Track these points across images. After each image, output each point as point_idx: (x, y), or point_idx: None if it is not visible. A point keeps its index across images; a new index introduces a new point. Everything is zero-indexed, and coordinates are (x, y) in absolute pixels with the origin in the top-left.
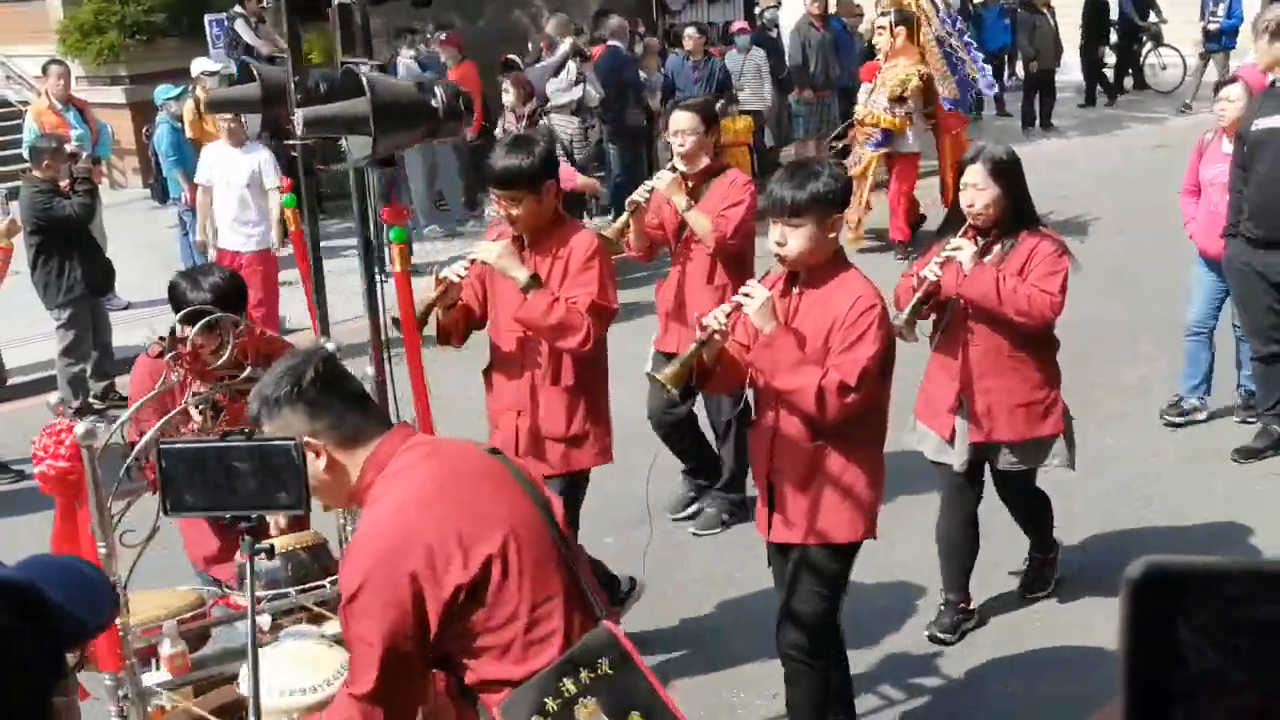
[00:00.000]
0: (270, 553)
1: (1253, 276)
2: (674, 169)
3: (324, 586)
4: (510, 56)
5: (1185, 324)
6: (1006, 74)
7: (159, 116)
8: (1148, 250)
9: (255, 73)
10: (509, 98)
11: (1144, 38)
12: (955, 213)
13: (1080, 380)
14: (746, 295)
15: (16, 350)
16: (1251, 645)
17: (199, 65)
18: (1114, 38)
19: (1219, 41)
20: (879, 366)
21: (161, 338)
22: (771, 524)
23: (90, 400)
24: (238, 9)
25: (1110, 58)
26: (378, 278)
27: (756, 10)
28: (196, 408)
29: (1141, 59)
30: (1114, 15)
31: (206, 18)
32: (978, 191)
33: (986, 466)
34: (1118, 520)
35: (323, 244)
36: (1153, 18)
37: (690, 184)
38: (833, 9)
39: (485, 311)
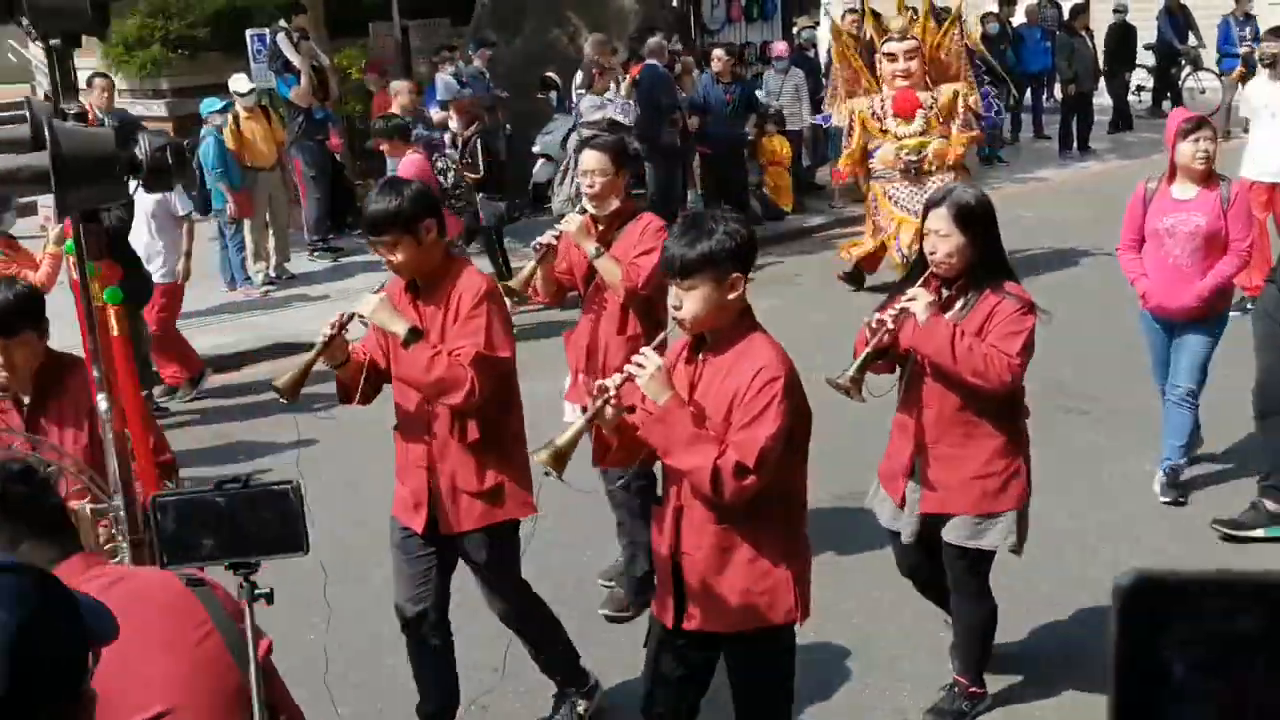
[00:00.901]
0: (270, 598)
1: None
2: (583, 211)
3: None
4: (549, 74)
5: (1160, 386)
6: (1045, 96)
7: (204, 129)
8: None
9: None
10: (453, 123)
11: (1182, 61)
12: (921, 260)
13: (1124, 390)
14: (639, 364)
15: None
16: (1239, 655)
17: (235, 83)
18: (1151, 61)
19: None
20: (781, 444)
21: None
22: (680, 611)
23: None
24: (281, 24)
25: (1136, 82)
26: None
27: (794, 30)
28: None
29: (1180, 82)
30: (1151, 39)
31: (248, 32)
32: (940, 238)
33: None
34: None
35: (357, 258)
36: (1191, 41)
37: (601, 228)
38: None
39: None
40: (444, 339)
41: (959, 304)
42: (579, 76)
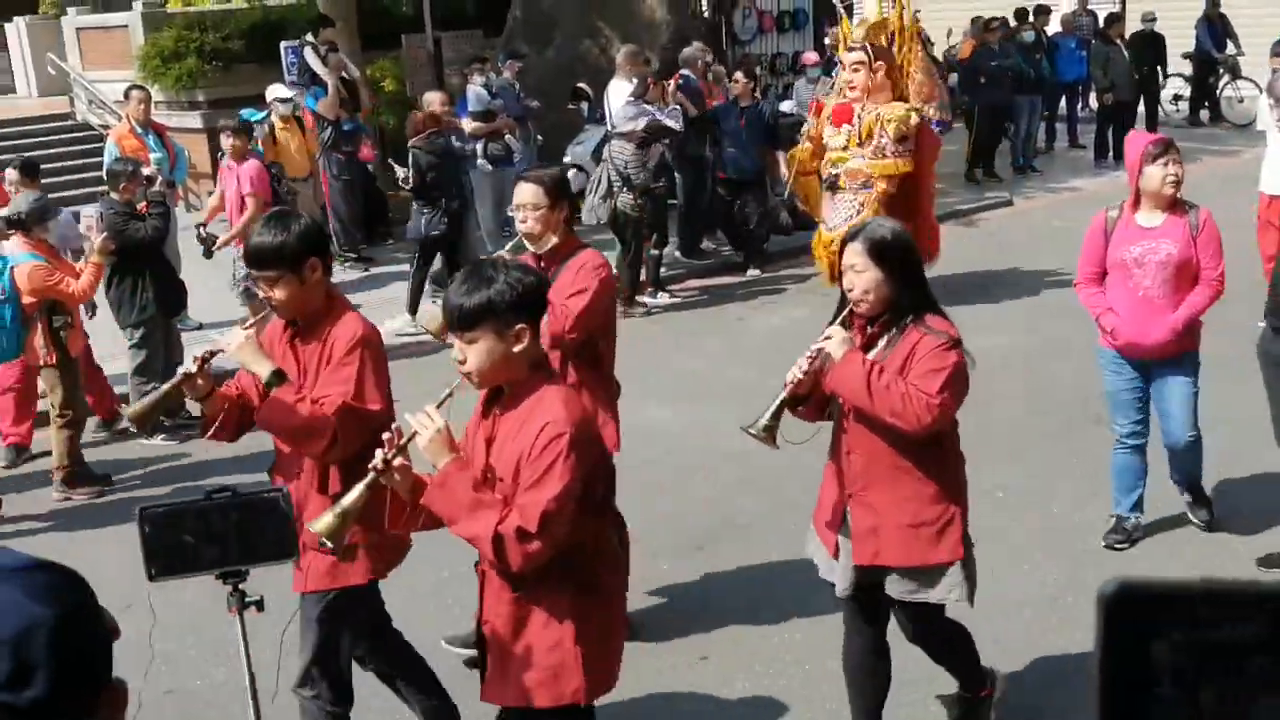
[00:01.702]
0: (260, 605)
1: None
2: (516, 249)
3: None
4: (580, 85)
5: (1117, 434)
6: (1080, 105)
7: None
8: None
9: None
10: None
11: (1220, 70)
12: (844, 295)
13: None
14: (421, 424)
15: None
16: (1223, 663)
17: (273, 91)
18: (1189, 70)
19: None
20: (570, 505)
21: None
22: (483, 681)
23: (161, 418)
24: (308, 38)
25: (1173, 91)
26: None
27: (825, 41)
28: None
29: (1218, 91)
30: (1191, 48)
31: (282, 45)
32: (857, 274)
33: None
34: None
35: (389, 268)
36: (1230, 49)
37: (542, 264)
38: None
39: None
40: (316, 384)
41: (881, 341)
42: (613, 84)
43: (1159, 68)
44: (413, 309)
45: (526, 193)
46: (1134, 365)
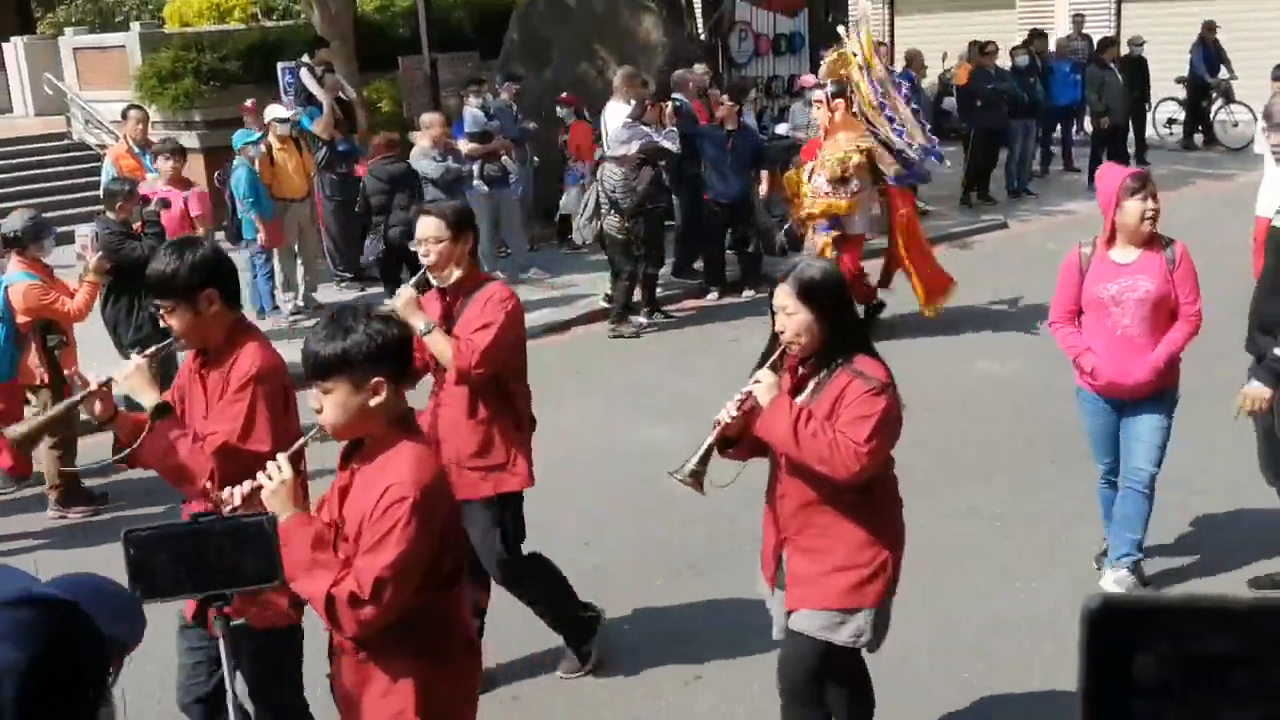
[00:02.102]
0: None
1: None
2: (420, 285)
3: None
4: (566, 95)
5: (1100, 471)
6: (1075, 129)
7: (236, 160)
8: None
9: None
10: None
11: (1214, 94)
12: (775, 337)
13: None
14: (268, 474)
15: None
16: (1206, 677)
17: (271, 112)
18: (1182, 94)
19: None
20: (406, 573)
21: None
22: None
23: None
24: (305, 59)
25: (1167, 115)
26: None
27: (821, 63)
28: None
29: (1212, 115)
30: (1185, 73)
31: (279, 65)
32: (787, 316)
33: None
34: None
35: (381, 289)
36: (1224, 73)
37: (448, 299)
38: (900, 64)
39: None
40: (209, 418)
41: (811, 384)
42: (610, 106)
43: (1146, 91)
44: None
45: (428, 226)
46: (1112, 404)
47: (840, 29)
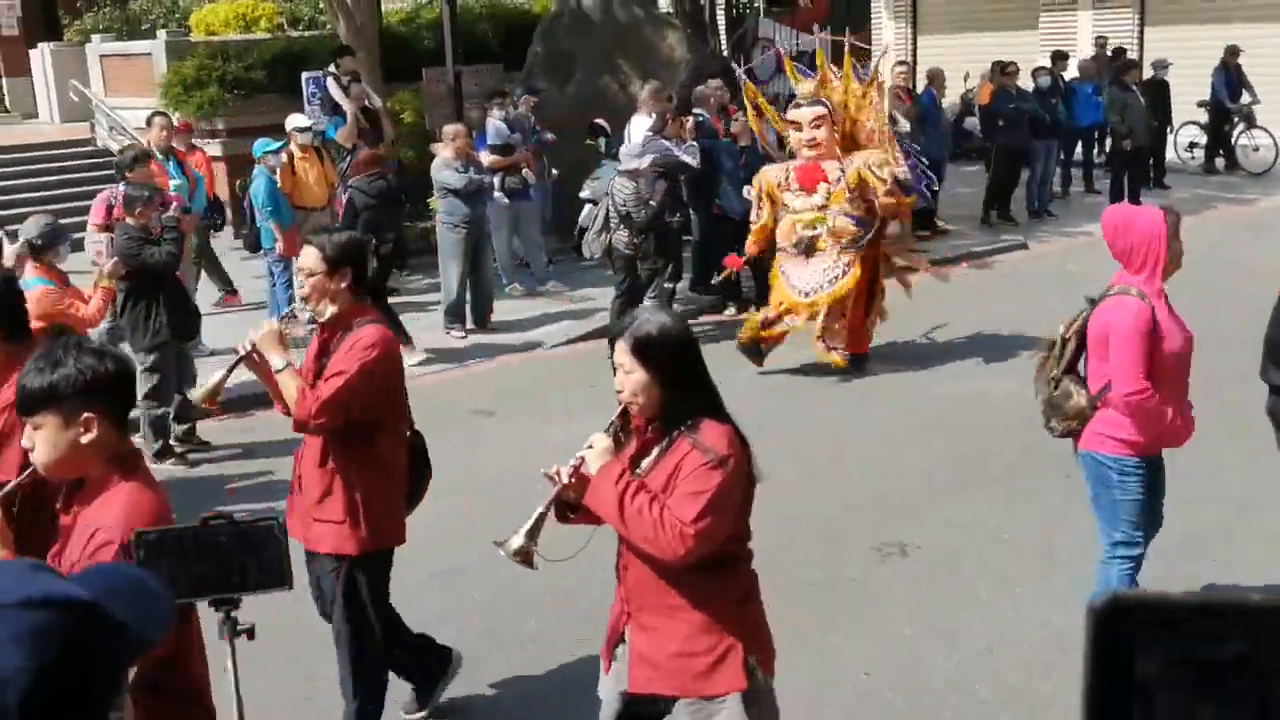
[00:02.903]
0: (251, 633)
1: None
2: (287, 317)
3: None
4: (598, 121)
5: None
6: (1096, 151)
7: (256, 169)
8: (1235, 331)
9: None
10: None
11: (1235, 118)
12: None
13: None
14: None
15: None
16: (1214, 676)
17: (293, 121)
18: (1204, 118)
19: None
20: None
21: None
22: None
23: (171, 443)
24: (331, 68)
25: (1188, 139)
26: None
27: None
28: None
29: (1233, 140)
30: (1207, 96)
31: (303, 75)
32: (625, 375)
33: None
34: None
35: (405, 299)
36: (1245, 98)
37: (325, 334)
38: (921, 84)
39: None
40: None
41: (654, 450)
42: (635, 120)
43: (1167, 115)
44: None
45: (306, 256)
46: (1151, 464)
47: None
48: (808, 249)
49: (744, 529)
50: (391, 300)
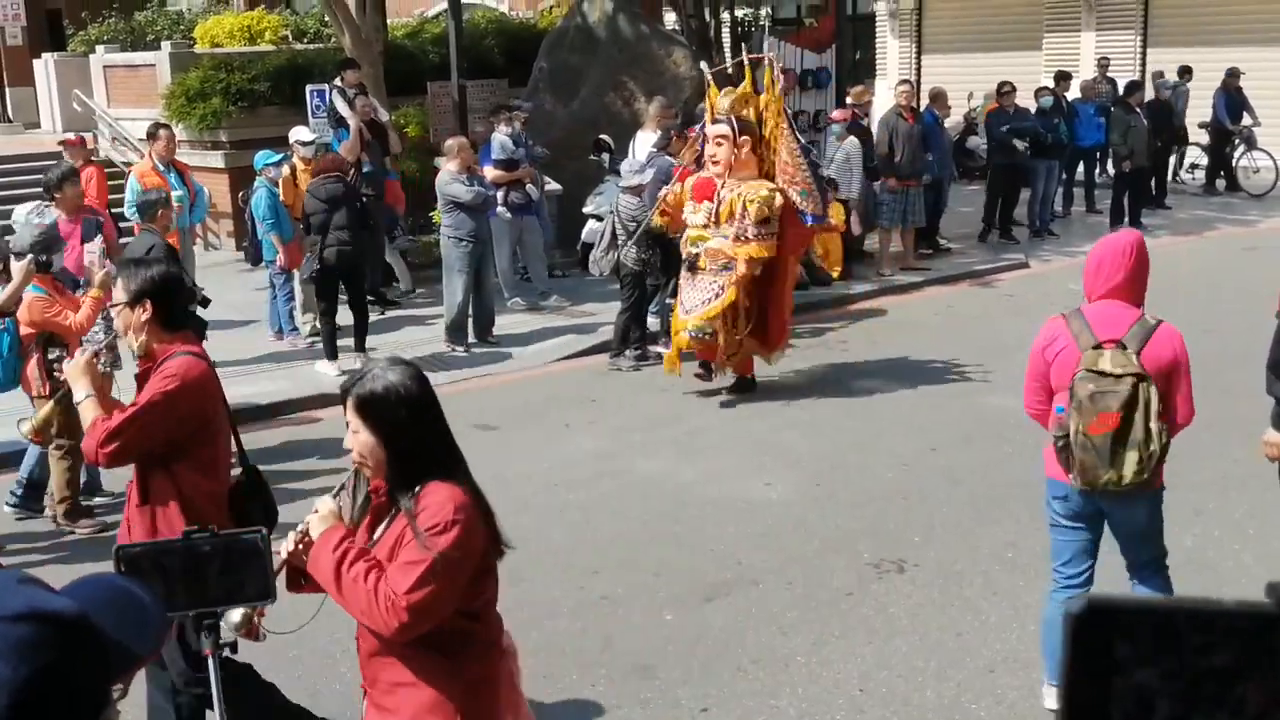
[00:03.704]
0: (234, 647)
1: None
2: (103, 349)
3: None
4: (602, 137)
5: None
6: (1098, 171)
7: (257, 181)
8: (1235, 349)
9: None
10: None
11: (1236, 140)
12: None
13: None
14: None
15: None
16: (1190, 680)
17: (296, 133)
18: (1205, 139)
19: None
20: None
21: None
22: None
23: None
24: (337, 81)
25: (1190, 160)
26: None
27: (848, 100)
28: None
29: (1234, 161)
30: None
31: (307, 88)
32: (353, 435)
33: None
34: None
35: (407, 312)
36: (1246, 120)
37: (141, 366)
38: (924, 103)
39: None
40: None
41: (388, 518)
42: (640, 136)
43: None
44: (330, 354)
45: (115, 288)
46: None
47: (741, 63)
48: (691, 266)
49: (480, 604)
50: (390, 314)
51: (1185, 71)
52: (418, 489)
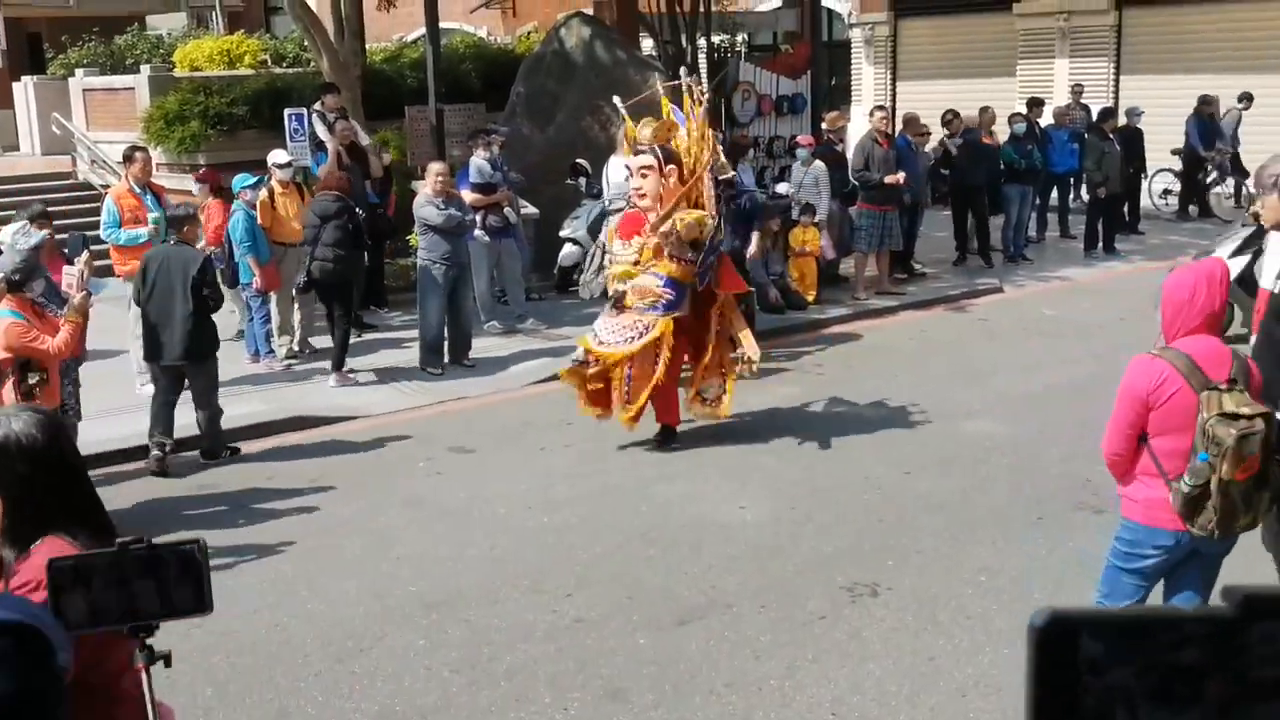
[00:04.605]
0: (168, 660)
1: None
2: None
3: None
4: (579, 160)
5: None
6: (1071, 197)
7: (234, 204)
8: None
9: None
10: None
11: (1209, 166)
12: None
13: None
14: None
15: (110, 420)
16: (1153, 690)
17: (274, 157)
18: (1178, 165)
19: None
20: None
21: None
22: None
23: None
24: (317, 105)
25: (1163, 186)
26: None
27: (822, 125)
28: None
29: (1206, 189)
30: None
31: (285, 111)
32: None
33: None
34: None
35: (383, 335)
36: (1219, 146)
37: None
38: (899, 128)
39: None
40: None
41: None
42: (613, 160)
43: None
44: (337, 364)
45: None
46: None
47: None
48: (616, 303)
49: (109, 659)
50: (368, 336)
51: (1246, 97)
52: (33, 545)
